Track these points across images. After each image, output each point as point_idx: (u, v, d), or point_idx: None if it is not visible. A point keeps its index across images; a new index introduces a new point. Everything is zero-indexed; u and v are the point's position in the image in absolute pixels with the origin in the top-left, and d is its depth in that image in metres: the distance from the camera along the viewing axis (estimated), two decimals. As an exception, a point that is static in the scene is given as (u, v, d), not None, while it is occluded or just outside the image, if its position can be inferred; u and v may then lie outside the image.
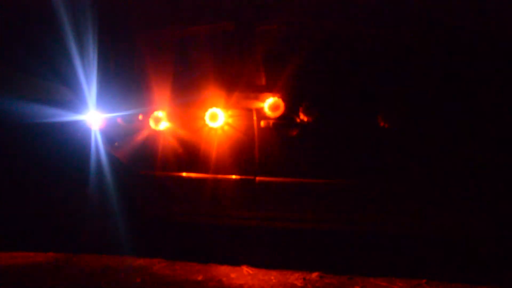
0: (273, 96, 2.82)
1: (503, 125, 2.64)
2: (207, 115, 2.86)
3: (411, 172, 2.74)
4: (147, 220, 3.11)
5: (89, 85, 2.99)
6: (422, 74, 2.75)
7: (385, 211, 2.80)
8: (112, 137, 3.01)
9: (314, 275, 2.80)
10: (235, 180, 2.90)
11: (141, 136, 2.96)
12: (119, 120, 3.00)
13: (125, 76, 3.12)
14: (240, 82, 2.92)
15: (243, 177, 2.89)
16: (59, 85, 3.14)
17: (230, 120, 2.88)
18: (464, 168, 2.65)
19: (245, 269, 2.88)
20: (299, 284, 2.69)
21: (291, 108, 2.82)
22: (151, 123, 2.93)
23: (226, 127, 2.88)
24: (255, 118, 2.86)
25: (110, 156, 2.99)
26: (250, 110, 2.87)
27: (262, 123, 2.85)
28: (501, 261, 2.79)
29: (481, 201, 2.66)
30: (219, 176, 2.92)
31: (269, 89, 2.87)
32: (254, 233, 3.31)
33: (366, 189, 2.79)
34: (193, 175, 2.95)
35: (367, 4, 3.02)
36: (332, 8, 2.99)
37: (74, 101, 3.03)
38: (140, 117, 2.96)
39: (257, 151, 2.85)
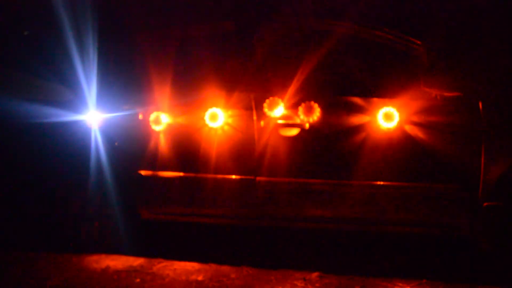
0: (273, 96, 2.82)
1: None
2: (207, 115, 2.86)
3: (412, 173, 2.76)
4: (147, 220, 3.11)
5: (89, 85, 2.99)
6: None
7: (385, 211, 2.81)
8: (112, 137, 3.01)
9: (314, 275, 2.80)
10: (235, 180, 2.90)
11: (141, 136, 2.96)
12: (119, 120, 3.00)
13: (125, 76, 3.12)
14: (240, 82, 2.92)
15: (243, 177, 2.89)
16: (59, 85, 3.14)
17: (230, 120, 2.88)
18: None
19: (245, 269, 2.88)
20: (299, 284, 2.69)
21: (291, 108, 2.82)
22: (151, 123, 2.93)
23: (226, 127, 2.88)
24: (255, 118, 2.86)
25: (110, 156, 2.99)
26: (250, 110, 2.87)
27: (262, 123, 2.85)
28: (501, 261, 2.80)
29: None
30: (219, 176, 2.91)
31: (269, 89, 2.87)
32: (255, 233, 3.31)
33: (366, 189, 2.80)
34: (193, 175, 2.95)
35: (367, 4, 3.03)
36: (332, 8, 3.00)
37: (74, 101, 3.03)
38: (140, 117, 2.96)
39: (257, 151, 2.85)
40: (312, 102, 2.78)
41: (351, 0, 3.10)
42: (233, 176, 2.90)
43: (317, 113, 2.77)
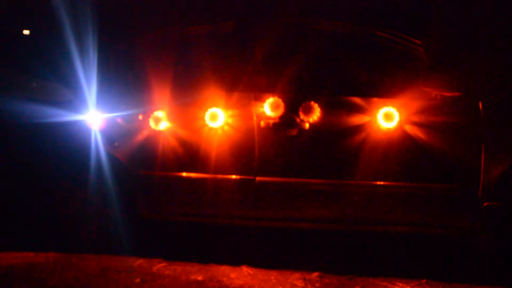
0: (273, 96, 2.82)
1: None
2: (207, 115, 2.86)
3: (412, 173, 2.76)
4: (147, 220, 3.11)
5: (89, 85, 2.99)
6: None
7: (385, 211, 2.81)
8: (112, 137, 3.01)
9: (314, 275, 2.80)
10: (235, 180, 2.90)
11: (141, 136, 2.96)
12: (119, 120, 3.00)
13: (125, 76, 3.12)
14: (240, 82, 2.92)
15: (243, 177, 2.89)
16: (59, 85, 3.14)
17: (230, 120, 2.88)
18: None
19: (245, 269, 2.88)
20: (299, 284, 2.69)
21: (291, 108, 2.82)
22: (151, 123, 2.93)
23: (226, 127, 2.88)
24: (255, 118, 2.86)
25: (110, 156, 2.99)
26: (250, 110, 2.87)
27: (262, 123, 2.85)
28: (501, 261, 2.80)
29: None
30: (219, 176, 2.91)
31: (269, 89, 2.87)
32: (254, 233, 3.31)
33: (366, 189, 2.80)
34: (193, 175, 2.95)
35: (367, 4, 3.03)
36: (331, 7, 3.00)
37: (74, 101, 3.03)
38: (140, 117, 2.96)
39: (257, 151, 2.85)
40: (312, 102, 2.77)
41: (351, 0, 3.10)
42: (233, 176, 2.90)
43: (317, 113, 2.77)
